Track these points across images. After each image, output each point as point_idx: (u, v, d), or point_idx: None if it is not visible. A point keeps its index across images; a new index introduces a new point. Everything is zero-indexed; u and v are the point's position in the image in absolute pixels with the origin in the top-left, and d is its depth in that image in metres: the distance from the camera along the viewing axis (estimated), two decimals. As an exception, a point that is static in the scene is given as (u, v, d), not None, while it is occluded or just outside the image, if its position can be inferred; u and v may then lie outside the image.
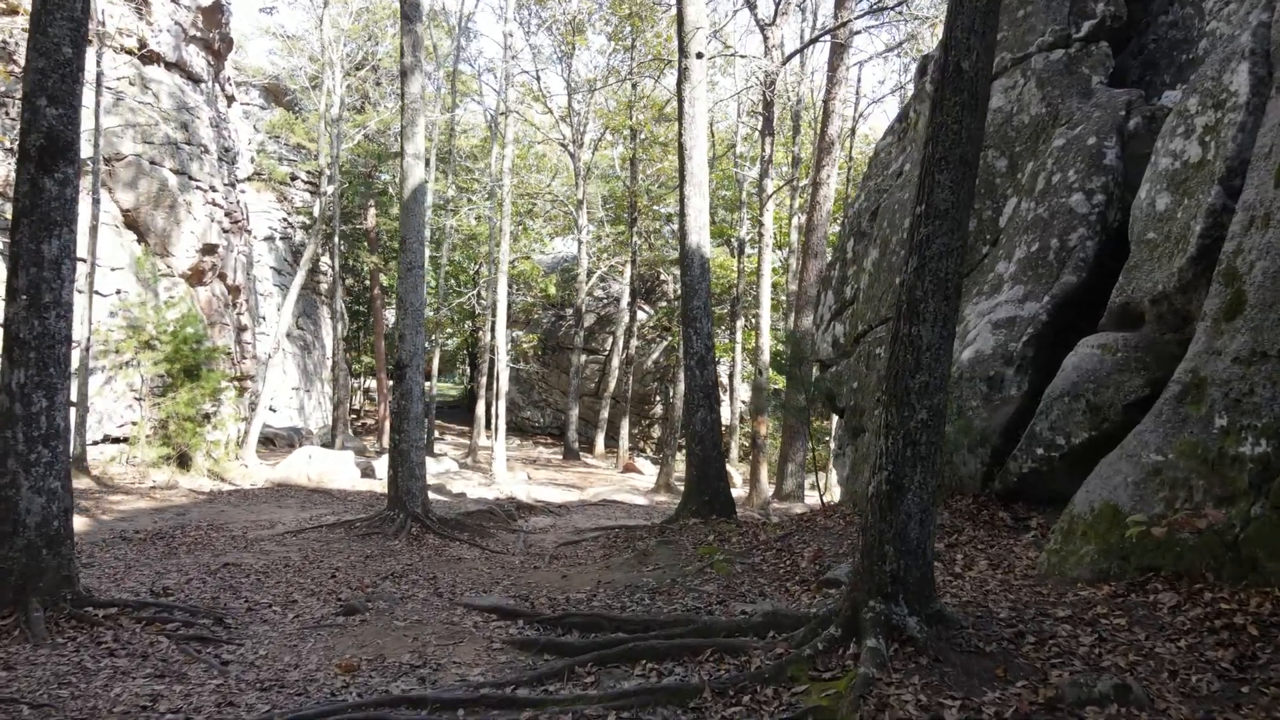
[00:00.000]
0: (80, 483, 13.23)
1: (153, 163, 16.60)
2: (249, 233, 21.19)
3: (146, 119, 16.76)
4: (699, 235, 11.02)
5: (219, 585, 6.51)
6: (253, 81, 29.48)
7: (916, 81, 9.27)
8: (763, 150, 15.51)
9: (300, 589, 6.53)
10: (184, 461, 16.21)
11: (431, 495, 14.82)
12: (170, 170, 16.88)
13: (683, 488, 16.83)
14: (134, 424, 15.55)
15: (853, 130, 18.05)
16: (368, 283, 32.72)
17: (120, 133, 16.31)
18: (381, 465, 15.72)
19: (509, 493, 13.98)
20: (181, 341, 15.38)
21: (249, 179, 29.65)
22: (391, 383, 9.93)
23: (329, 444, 24.51)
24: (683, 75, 10.91)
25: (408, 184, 9.75)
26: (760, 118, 15.83)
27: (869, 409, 8.00)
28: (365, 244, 31.71)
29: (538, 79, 25.89)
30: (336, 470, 13.95)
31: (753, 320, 32.00)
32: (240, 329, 20.72)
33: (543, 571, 7.79)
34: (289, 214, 29.13)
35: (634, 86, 24.51)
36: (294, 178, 29.65)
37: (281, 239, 28.46)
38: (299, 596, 6.21)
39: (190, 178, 17.42)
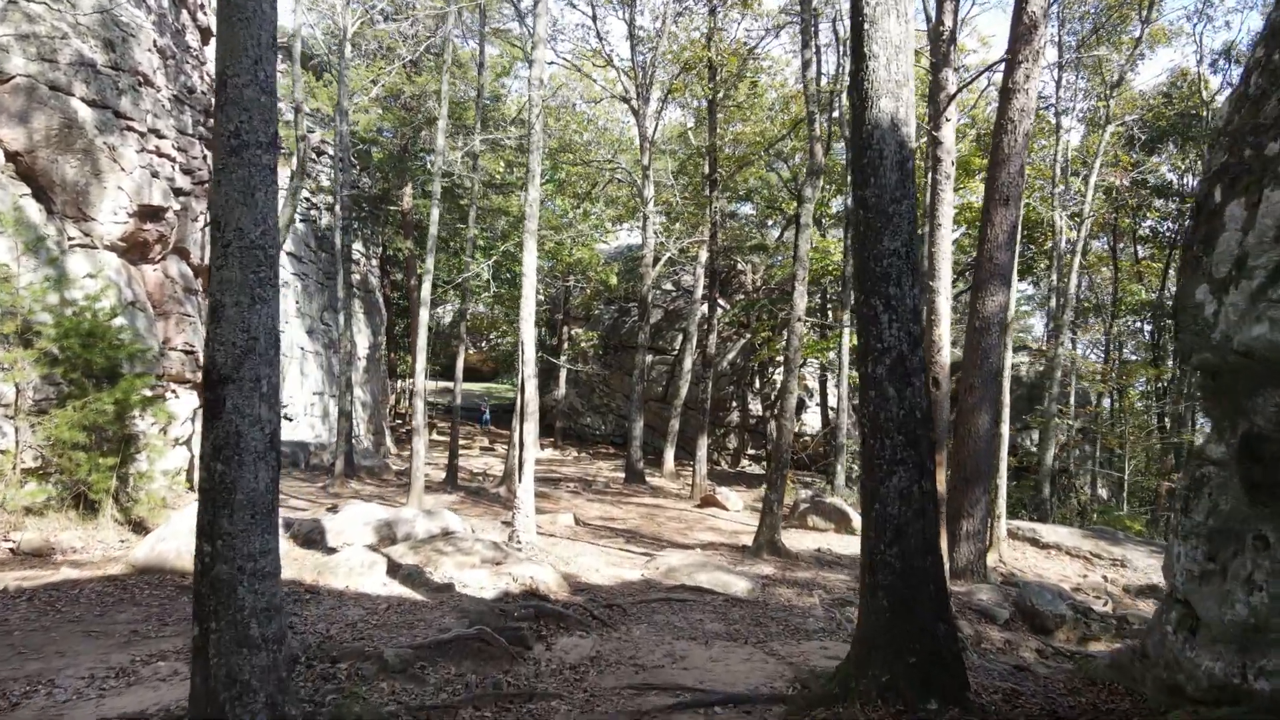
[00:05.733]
0: None
1: (54, 88, 11.34)
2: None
3: (49, 29, 11.53)
4: (894, 100, 4.93)
5: None
6: (272, 42, 24.48)
7: None
8: (939, 21, 9.12)
9: None
10: (91, 505, 10.93)
11: (397, 591, 8.13)
12: (82, 100, 11.60)
13: (845, 595, 9.74)
14: (3, 453, 10.29)
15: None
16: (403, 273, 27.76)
17: (7, 45, 11.13)
18: (347, 522, 9.90)
19: (529, 578, 8.13)
20: (64, 335, 10.02)
21: (262, 150, 24.65)
22: (201, 417, 4.01)
23: (350, 462, 19.08)
24: None
25: (229, -54, 3.95)
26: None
27: None
28: (400, 228, 26.57)
29: (594, 19, 20.04)
30: (245, 542, 8.32)
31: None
32: (215, 321, 15.40)
33: None
34: (313, 192, 24.01)
35: (712, 12, 18.40)
36: (319, 153, 24.56)
37: (302, 220, 23.32)
38: None
39: (117, 114, 12.13)
